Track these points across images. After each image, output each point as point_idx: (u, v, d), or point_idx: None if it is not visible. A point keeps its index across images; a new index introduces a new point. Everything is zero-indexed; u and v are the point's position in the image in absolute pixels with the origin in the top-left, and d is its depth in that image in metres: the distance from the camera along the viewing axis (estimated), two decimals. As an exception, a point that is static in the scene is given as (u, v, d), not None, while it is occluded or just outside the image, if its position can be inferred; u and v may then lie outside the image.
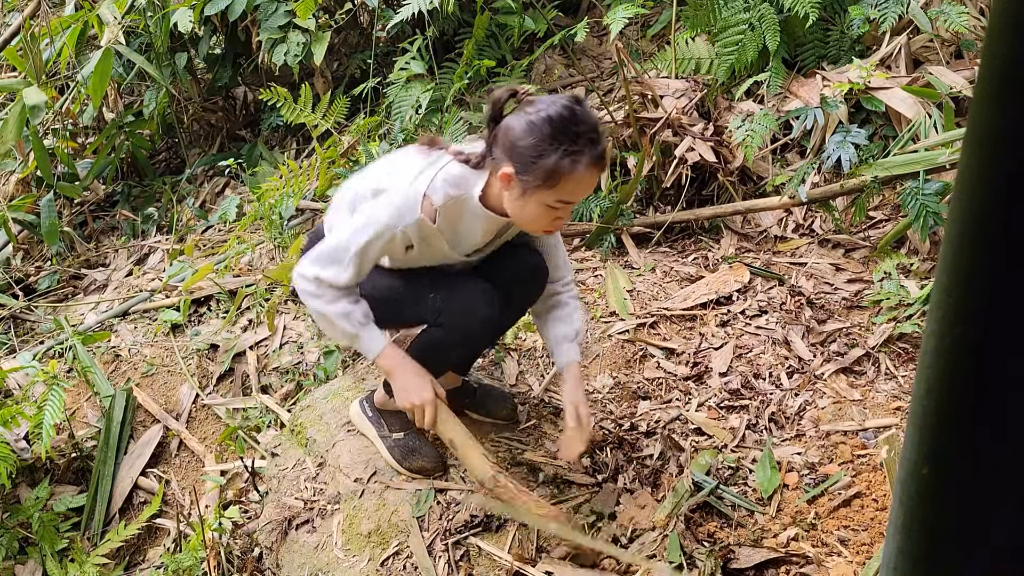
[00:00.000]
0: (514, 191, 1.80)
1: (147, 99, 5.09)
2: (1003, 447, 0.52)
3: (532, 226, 1.89)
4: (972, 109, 0.48)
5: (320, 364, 3.08)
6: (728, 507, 2.11)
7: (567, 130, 1.72)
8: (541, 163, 1.72)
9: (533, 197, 1.77)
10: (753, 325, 2.77)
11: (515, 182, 1.78)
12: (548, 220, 1.84)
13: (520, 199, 1.80)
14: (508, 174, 1.78)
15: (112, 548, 2.79)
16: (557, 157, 1.71)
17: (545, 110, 1.73)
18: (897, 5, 3.28)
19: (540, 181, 1.74)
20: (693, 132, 3.39)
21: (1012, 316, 0.49)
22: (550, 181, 1.73)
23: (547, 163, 1.72)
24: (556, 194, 1.76)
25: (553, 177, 1.73)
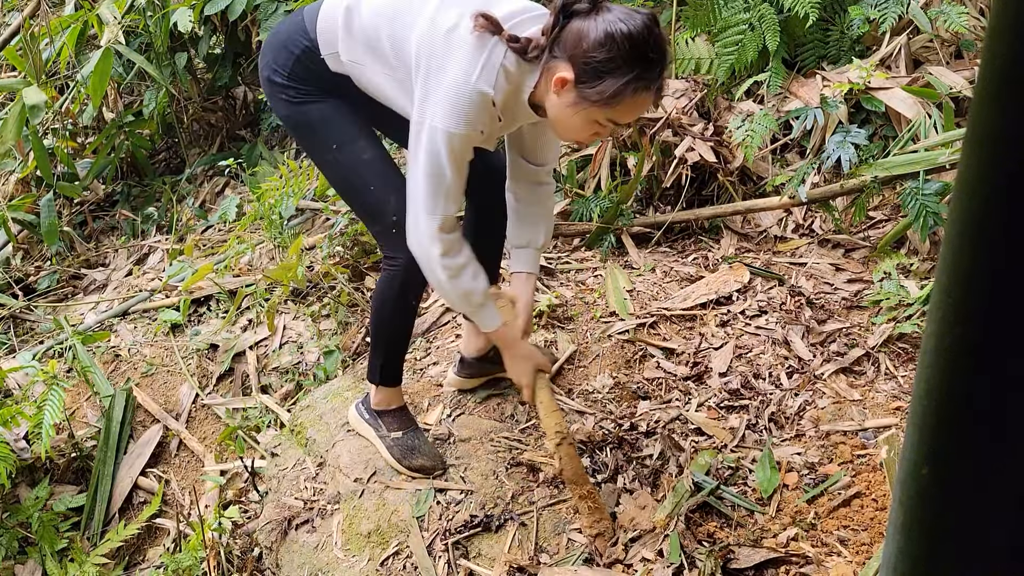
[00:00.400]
0: (566, 98, 1.71)
1: (147, 99, 5.09)
2: (1003, 447, 0.52)
3: (568, 135, 1.82)
4: (972, 109, 0.48)
5: (320, 364, 3.09)
6: (728, 507, 2.11)
7: (643, 53, 1.63)
8: (608, 80, 1.64)
9: (585, 110, 1.69)
10: (753, 325, 2.77)
11: (571, 89, 1.69)
12: (588, 134, 1.78)
13: (570, 108, 1.71)
14: (566, 79, 1.68)
15: (112, 548, 2.79)
16: (627, 79, 1.63)
17: (626, 25, 1.62)
18: (897, 5, 3.28)
19: (599, 97, 1.65)
20: (693, 132, 3.39)
21: (1012, 316, 0.49)
22: (611, 100, 1.65)
23: (615, 83, 1.63)
24: (610, 113, 1.70)
25: (615, 97, 1.65)
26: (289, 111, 2.00)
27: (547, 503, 2.15)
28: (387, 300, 2.11)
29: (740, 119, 3.20)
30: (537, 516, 2.11)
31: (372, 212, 2.02)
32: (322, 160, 2.03)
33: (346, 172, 2.00)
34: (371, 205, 2.01)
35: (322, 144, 1.99)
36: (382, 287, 2.10)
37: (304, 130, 2.01)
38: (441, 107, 1.71)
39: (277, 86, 1.98)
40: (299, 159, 4.58)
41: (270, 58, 1.98)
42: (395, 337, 2.22)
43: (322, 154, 2.01)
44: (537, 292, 3.02)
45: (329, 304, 3.28)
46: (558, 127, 1.81)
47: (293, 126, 2.04)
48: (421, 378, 2.69)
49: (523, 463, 2.28)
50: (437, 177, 1.77)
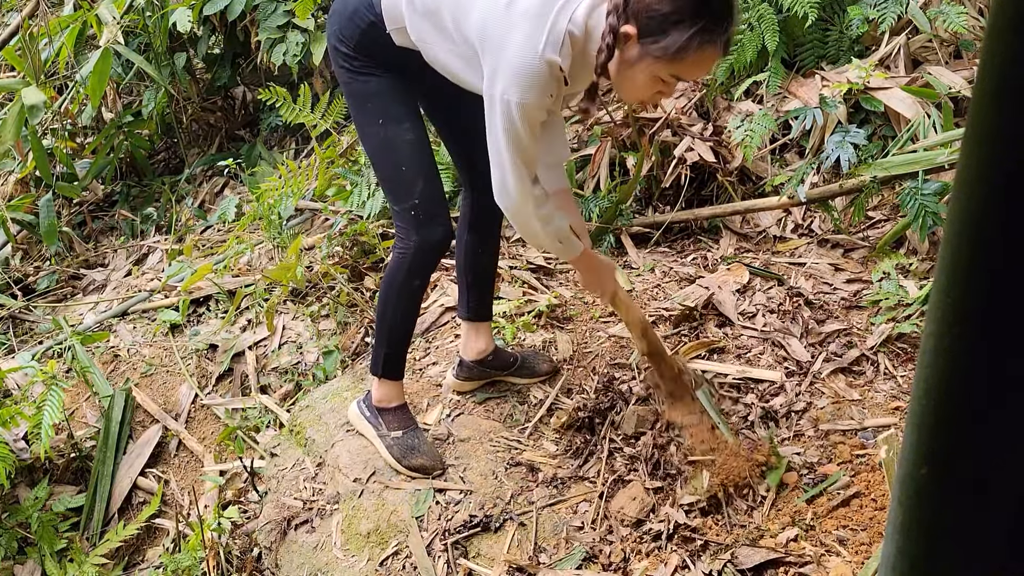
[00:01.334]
0: (630, 54, 1.68)
1: (146, 99, 5.09)
2: (1001, 447, 0.52)
3: (631, 95, 1.80)
4: (971, 109, 0.48)
5: (319, 364, 3.08)
6: (727, 507, 2.11)
7: (710, 5, 1.59)
8: (672, 35, 1.60)
9: (649, 67, 1.66)
10: (752, 325, 2.77)
11: (634, 45, 1.65)
12: (651, 92, 1.74)
13: (634, 65, 1.68)
14: (629, 35, 1.65)
15: (111, 548, 2.79)
16: (692, 33, 1.58)
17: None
18: (896, 5, 3.28)
19: (663, 53, 1.62)
20: (692, 132, 3.39)
21: (1010, 316, 0.49)
22: (676, 56, 1.61)
23: (679, 36, 1.59)
24: (674, 69, 1.65)
25: (680, 53, 1.61)
26: (347, 78, 2.05)
27: (546, 503, 2.15)
28: (394, 282, 2.15)
29: (739, 119, 3.20)
30: (536, 516, 2.12)
31: (398, 191, 2.08)
32: (366, 131, 2.09)
33: (385, 147, 2.06)
34: (399, 184, 2.07)
35: (371, 116, 2.05)
36: (391, 269, 2.15)
37: (358, 99, 2.06)
38: (512, 80, 1.71)
39: (340, 54, 2.03)
40: (298, 159, 4.58)
41: (337, 27, 2.02)
42: (400, 324, 2.23)
43: (367, 125, 2.07)
44: (536, 292, 3.02)
45: (328, 304, 3.28)
46: (622, 87, 1.78)
47: (348, 93, 2.09)
48: (420, 378, 2.68)
49: (522, 463, 2.28)
50: (517, 144, 1.80)
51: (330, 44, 2.08)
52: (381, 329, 2.24)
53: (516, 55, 1.70)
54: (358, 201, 3.48)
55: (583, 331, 2.79)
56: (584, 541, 2.05)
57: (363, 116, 2.08)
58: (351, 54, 2.01)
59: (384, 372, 2.27)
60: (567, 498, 2.17)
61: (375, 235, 3.44)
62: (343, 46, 2.01)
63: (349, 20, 1.99)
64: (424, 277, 2.18)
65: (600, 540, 2.06)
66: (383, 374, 2.28)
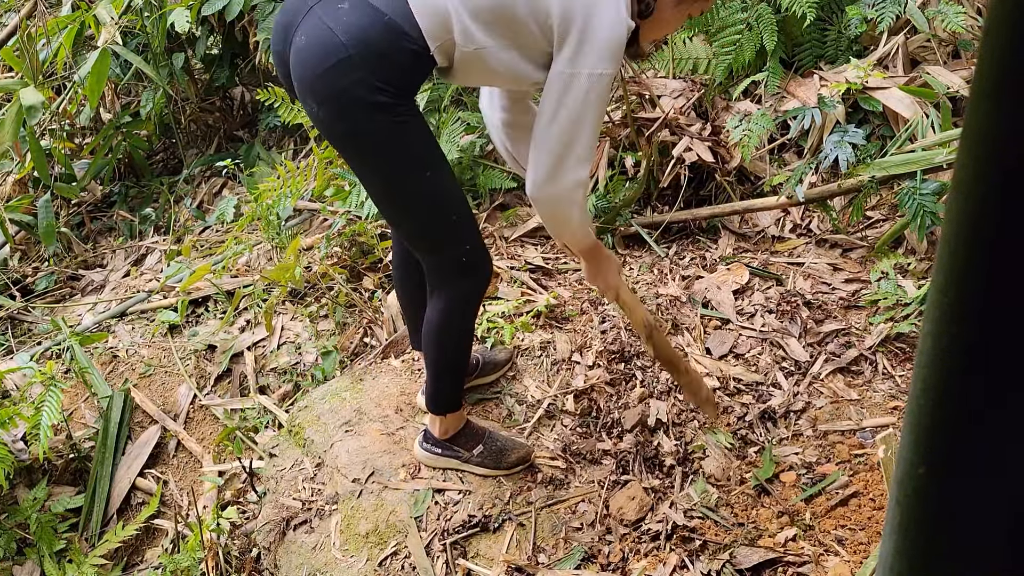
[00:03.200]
0: None
1: (144, 99, 5.08)
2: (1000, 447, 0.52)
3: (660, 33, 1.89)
4: (968, 108, 0.48)
5: (318, 365, 3.08)
6: (726, 507, 2.12)
7: None
8: None
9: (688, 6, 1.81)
10: (750, 325, 2.78)
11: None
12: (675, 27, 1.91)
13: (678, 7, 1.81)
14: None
15: (110, 549, 2.79)
16: None
17: None
18: (894, 5, 3.28)
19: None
20: (691, 132, 3.39)
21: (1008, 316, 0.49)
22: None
23: None
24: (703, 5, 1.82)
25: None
26: (385, 131, 1.77)
27: (545, 503, 2.16)
28: (454, 330, 2.05)
29: (738, 119, 3.20)
30: (535, 516, 2.12)
31: (448, 241, 1.93)
32: (407, 186, 1.86)
33: (434, 198, 1.88)
34: (449, 234, 1.92)
35: (413, 166, 1.83)
36: (445, 318, 2.03)
37: (396, 151, 1.80)
38: (603, 53, 1.71)
39: (376, 106, 1.72)
40: (296, 160, 4.58)
41: (364, 74, 1.69)
42: (462, 363, 2.16)
43: (408, 178, 1.84)
44: (534, 293, 3.02)
45: (327, 305, 3.28)
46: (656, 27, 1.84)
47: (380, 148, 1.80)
48: (419, 378, 2.68)
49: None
50: (596, 120, 1.79)
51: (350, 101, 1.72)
52: (443, 372, 2.14)
53: (608, 26, 1.70)
54: (356, 201, 3.48)
55: (582, 331, 2.79)
56: (583, 541, 2.05)
57: (402, 169, 1.83)
58: (391, 101, 1.73)
59: (447, 409, 2.20)
60: (566, 498, 2.17)
61: (374, 235, 3.43)
62: (382, 94, 1.71)
63: (382, 59, 1.70)
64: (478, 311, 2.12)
65: (599, 540, 2.06)
66: (448, 410, 2.20)
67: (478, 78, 1.91)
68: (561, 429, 2.41)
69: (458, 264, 1.95)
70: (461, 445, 2.23)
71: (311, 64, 1.71)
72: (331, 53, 1.68)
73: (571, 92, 1.74)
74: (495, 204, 3.61)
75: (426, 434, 2.27)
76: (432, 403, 2.19)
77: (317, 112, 1.76)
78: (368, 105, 1.72)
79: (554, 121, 1.77)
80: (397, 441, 2.41)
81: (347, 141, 1.81)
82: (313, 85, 1.72)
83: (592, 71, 1.71)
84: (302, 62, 1.73)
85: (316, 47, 1.70)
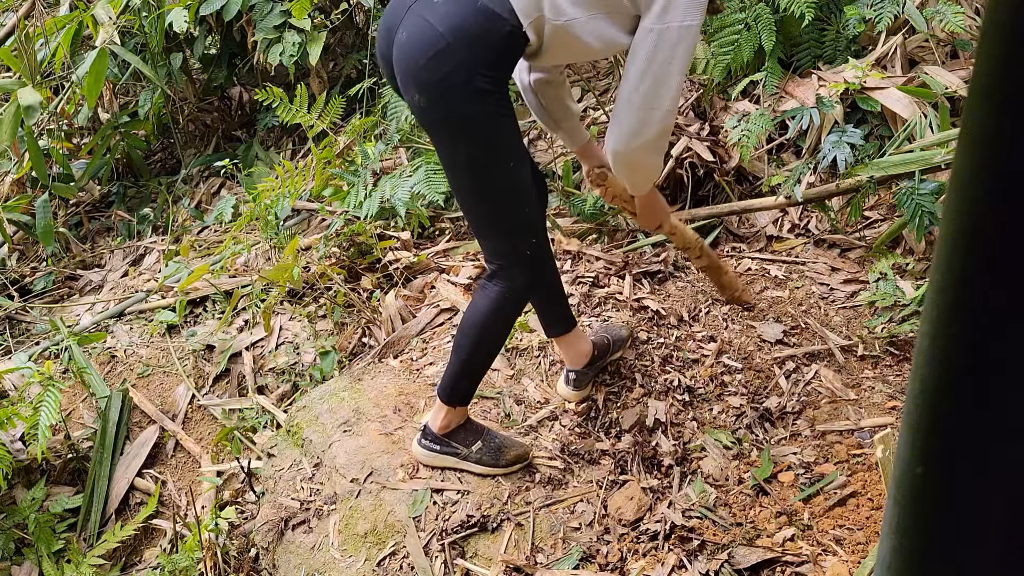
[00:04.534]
0: None
1: (142, 99, 5.08)
2: (998, 447, 0.52)
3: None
4: (966, 108, 0.48)
5: (316, 365, 3.08)
6: (724, 507, 2.12)
7: None
8: None
9: None
10: (749, 324, 2.78)
11: None
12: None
13: None
14: None
15: (108, 549, 2.78)
16: None
17: None
18: (893, 5, 3.29)
19: None
20: (689, 132, 3.40)
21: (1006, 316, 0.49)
22: None
23: None
24: None
25: None
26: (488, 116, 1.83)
27: (543, 503, 2.16)
28: (500, 320, 2.08)
29: (736, 119, 3.21)
30: (534, 516, 2.12)
31: (518, 232, 1.99)
32: (495, 176, 1.90)
33: (516, 190, 1.94)
34: (521, 225, 1.98)
35: (502, 156, 1.88)
36: (495, 310, 2.05)
37: (490, 139, 1.86)
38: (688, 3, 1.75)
39: (479, 92, 1.78)
40: (294, 160, 4.58)
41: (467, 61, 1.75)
42: (489, 360, 2.20)
43: (497, 168, 1.89)
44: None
45: (325, 305, 3.28)
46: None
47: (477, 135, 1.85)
48: (417, 378, 2.68)
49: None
50: (684, 73, 1.83)
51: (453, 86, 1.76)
52: (470, 365, 2.16)
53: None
54: (355, 202, 3.48)
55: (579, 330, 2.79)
56: (581, 541, 2.05)
57: (493, 156, 1.87)
58: (491, 88, 1.79)
59: (460, 401, 2.21)
60: (564, 498, 2.17)
61: (372, 235, 3.43)
62: (483, 80, 1.76)
63: (479, 44, 1.75)
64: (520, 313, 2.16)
65: (597, 540, 2.06)
66: (458, 403, 2.21)
67: (567, 53, 1.94)
68: (560, 429, 2.41)
69: (522, 256, 2.01)
70: (460, 441, 2.23)
71: (413, 56, 1.78)
72: (431, 44, 1.75)
73: (662, 47, 1.78)
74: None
75: (425, 431, 2.27)
76: (448, 393, 2.20)
77: (418, 101, 1.82)
78: (469, 91, 1.77)
79: (645, 77, 1.81)
80: (395, 441, 2.41)
81: (444, 125, 1.85)
82: (417, 76, 1.79)
83: (682, 23, 1.76)
84: (405, 56, 1.80)
85: (416, 40, 1.77)
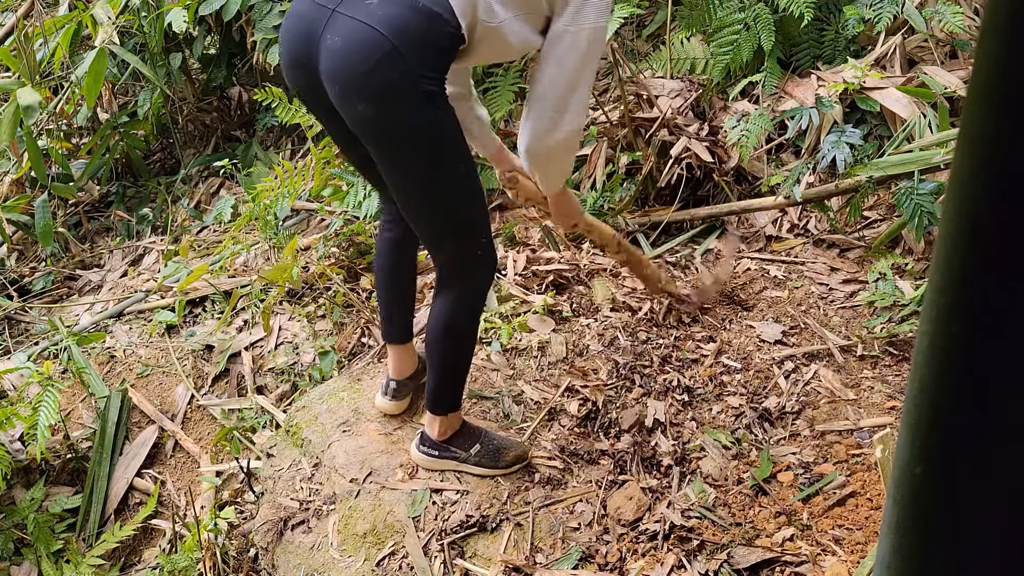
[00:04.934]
0: None
1: (141, 99, 5.07)
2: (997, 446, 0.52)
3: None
4: (965, 108, 0.48)
5: (315, 365, 3.08)
6: (723, 507, 2.12)
7: None
8: None
9: None
10: (748, 325, 2.78)
11: None
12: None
13: None
14: None
15: (108, 549, 2.78)
16: None
17: None
18: (892, 5, 3.29)
19: None
20: (688, 132, 3.40)
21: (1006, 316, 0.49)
22: None
23: None
24: None
25: None
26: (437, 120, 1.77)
27: (543, 503, 2.16)
28: (462, 325, 2.06)
29: (735, 119, 3.21)
30: (533, 516, 2.12)
31: (470, 231, 1.94)
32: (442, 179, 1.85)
33: (467, 191, 1.90)
34: (472, 225, 1.94)
35: (449, 159, 1.82)
36: (454, 313, 2.03)
37: (435, 142, 1.79)
38: (599, 7, 1.79)
39: (423, 96, 1.71)
40: (294, 160, 4.58)
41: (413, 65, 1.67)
42: (467, 361, 2.17)
43: (444, 171, 1.83)
44: (533, 293, 3.02)
45: (324, 305, 3.27)
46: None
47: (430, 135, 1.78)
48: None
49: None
50: (594, 73, 1.89)
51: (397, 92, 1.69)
52: (448, 371, 2.14)
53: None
54: (354, 202, 3.47)
55: (580, 331, 2.79)
56: (580, 541, 2.05)
57: (446, 159, 1.82)
58: (437, 89, 1.73)
59: (449, 409, 2.20)
60: (563, 498, 2.17)
61: (371, 235, 3.43)
62: (428, 83, 1.70)
63: (426, 46, 1.69)
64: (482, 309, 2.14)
65: (596, 540, 2.06)
66: (448, 411, 2.20)
67: (488, 54, 1.92)
68: (559, 429, 2.41)
69: (475, 256, 1.98)
70: (458, 446, 2.23)
71: (354, 63, 1.66)
72: (375, 48, 1.64)
73: (575, 48, 1.81)
74: (494, 205, 3.61)
75: (423, 437, 2.26)
76: (433, 403, 2.18)
77: (364, 112, 1.71)
78: (418, 96, 1.70)
79: (558, 77, 1.84)
80: (395, 441, 2.41)
81: (395, 134, 1.76)
82: (360, 84, 1.67)
83: (596, 23, 1.80)
84: (344, 64, 1.68)
85: (356, 45, 1.66)
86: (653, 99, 3.52)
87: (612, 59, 3.42)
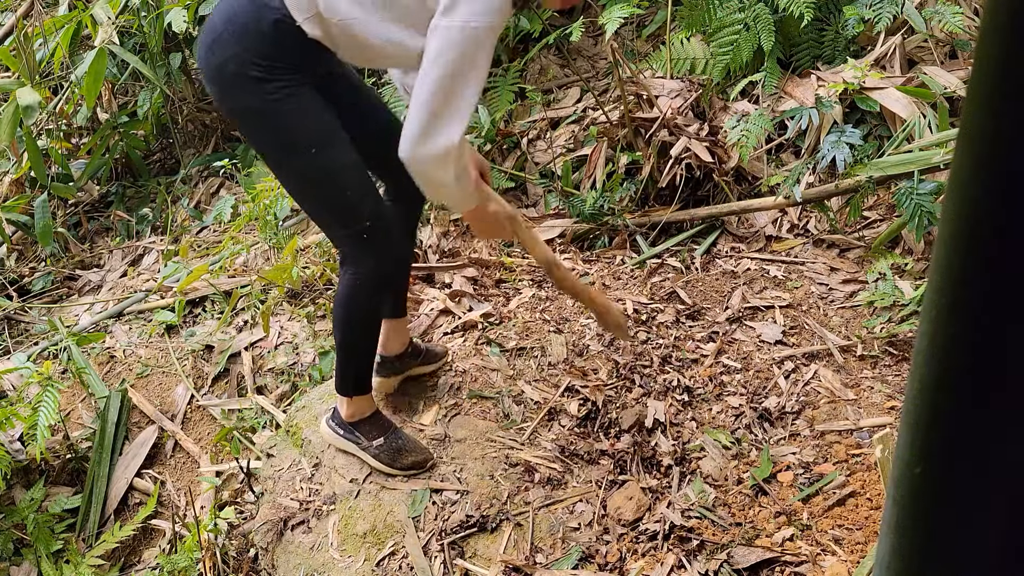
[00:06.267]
0: None
1: (141, 99, 5.07)
2: (997, 446, 0.52)
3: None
4: (964, 109, 0.48)
5: (315, 365, 3.08)
6: (723, 507, 2.12)
7: None
8: None
9: None
10: (748, 325, 2.78)
11: None
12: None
13: None
14: None
15: (107, 549, 2.78)
16: None
17: None
18: (892, 5, 3.29)
19: None
20: (688, 132, 3.40)
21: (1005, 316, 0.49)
22: None
23: None
24: None
25: None
26: (262, 106, 1.82)
27: (543, 503, 2.16)
28: (359, 309, 2.07)
29: (735, 119, 3.21)
30: (533, 516, 2.12)
31: (344, 217, 1.94)
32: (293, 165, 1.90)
33: (324, 176, 1.89)
34: (345, 210, 1.93)
35: (299, 145, 1.85)
36: (350, 296, 2.04)
37: (278, 129, 1.85)
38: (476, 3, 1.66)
39: (251, 80, 1.79)
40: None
41: (236, 50, 1.78)
42: (369, 346, 2.19)
43: (295, 157, 1.88)
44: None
45: (324, 305, 3.27)
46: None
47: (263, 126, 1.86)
48: (417, 378, 2.68)
49: (519, 463, 2.28)
50: (476, 77, 1.71)
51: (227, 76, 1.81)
52: (347, 353, 2.17)
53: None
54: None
55: (579, 331, 2.79)
56: (580, 541, 2.05)
57: (286, 146, 1.87)
58: (266, 76, 1.79)
59: (354, 391, 2.23)
60: (563, 498, 2.17)
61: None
62: (255, 68, 1.79)
63: (247, 32, 1.78)
64: (388, 293, 2.13)
65: (596, 540, 2.06)
66: (354, 392, 2.23)
67: (362, 55, 1.89)
68: (559, 429, 2.41)
69: (360, 241, 1.95)
70: (363, 433, 2.26)
71: (199, 52, 1.87)
72: (208, 34, 1.83)
73: (449, 45, 1.68)
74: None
75: (334, 412, 2.32)
76: (339, 383, 2.23)
77: (212, 93, 1.89)
78: (244, 80, 1.81)
79: (429, 76, 1.70)
80: (395, 441, 2.41)
81: (236, 118, 1.92)
82: (202, 67, 1.87)
83: (472, 23, 1.66)
84: (198, 52, 1.89)
85: (202, 33, 1.87)
86: (653, 99, 3.52)
87: (612, 59, 3.42)
